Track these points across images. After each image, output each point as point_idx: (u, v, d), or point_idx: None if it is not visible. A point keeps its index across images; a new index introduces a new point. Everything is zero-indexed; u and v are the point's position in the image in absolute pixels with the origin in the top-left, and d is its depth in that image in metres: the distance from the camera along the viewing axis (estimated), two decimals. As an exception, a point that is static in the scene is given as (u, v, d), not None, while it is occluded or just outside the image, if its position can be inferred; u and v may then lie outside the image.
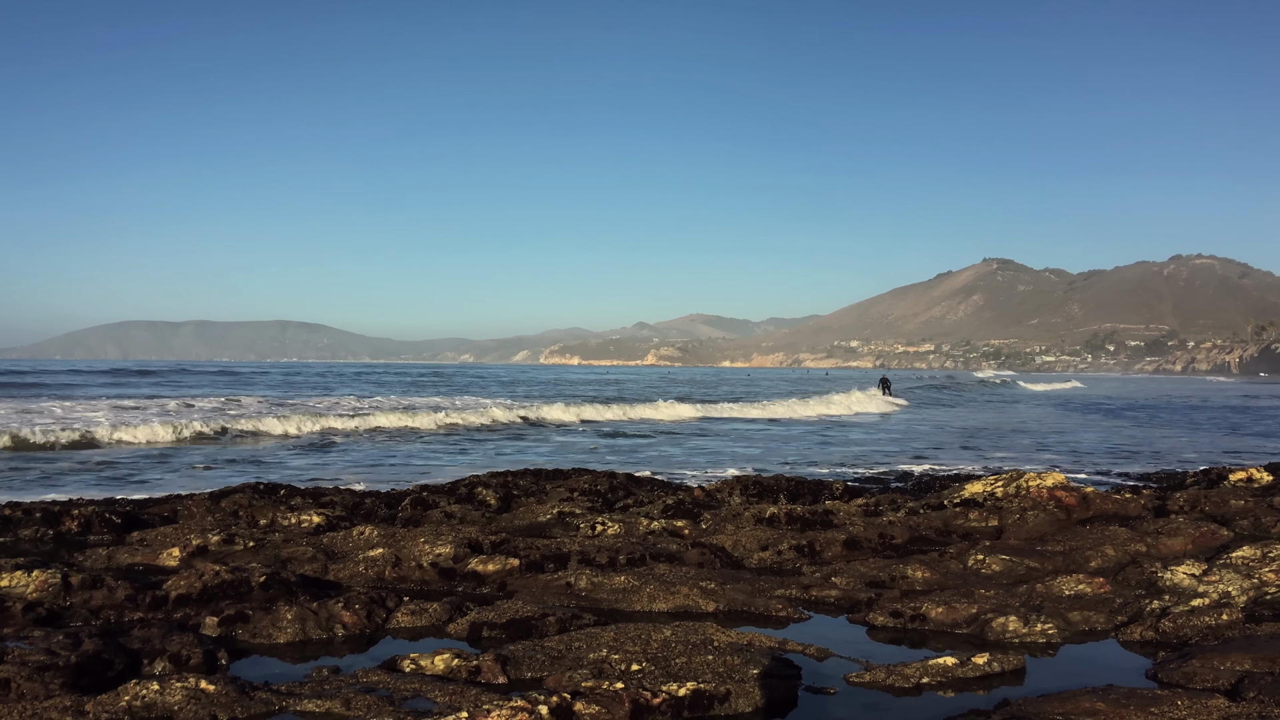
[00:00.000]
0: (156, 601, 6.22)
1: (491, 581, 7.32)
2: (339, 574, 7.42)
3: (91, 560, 7.70)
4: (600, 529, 8.96)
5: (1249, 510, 9.63)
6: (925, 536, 9.01)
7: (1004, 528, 9.24)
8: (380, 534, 8.21)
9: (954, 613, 6.36)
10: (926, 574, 7.48)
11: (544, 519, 9.87)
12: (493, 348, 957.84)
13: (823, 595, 7.03)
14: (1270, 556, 6.96)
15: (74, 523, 8.94)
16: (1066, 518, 9.43)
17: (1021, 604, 6.48)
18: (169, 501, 10.25)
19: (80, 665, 4.83)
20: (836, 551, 8.42)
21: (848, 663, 5.49)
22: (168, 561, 7.70)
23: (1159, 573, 7.08)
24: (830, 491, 11.22)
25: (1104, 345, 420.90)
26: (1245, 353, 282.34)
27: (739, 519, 9.46)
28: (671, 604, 6.68)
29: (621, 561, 7.55)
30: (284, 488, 10.73)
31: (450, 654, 5.14)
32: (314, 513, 9.32)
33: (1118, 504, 9.77)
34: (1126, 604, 6.57)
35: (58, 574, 6.27)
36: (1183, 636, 5.94)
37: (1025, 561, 7.77)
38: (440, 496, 10.53)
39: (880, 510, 9.91)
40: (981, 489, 10.02)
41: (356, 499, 10.60)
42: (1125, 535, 8.43)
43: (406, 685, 4.79)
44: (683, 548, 8.11)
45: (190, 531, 8.43)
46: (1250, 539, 8.15)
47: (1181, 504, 10.04)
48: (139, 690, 4.43)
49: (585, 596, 6.89)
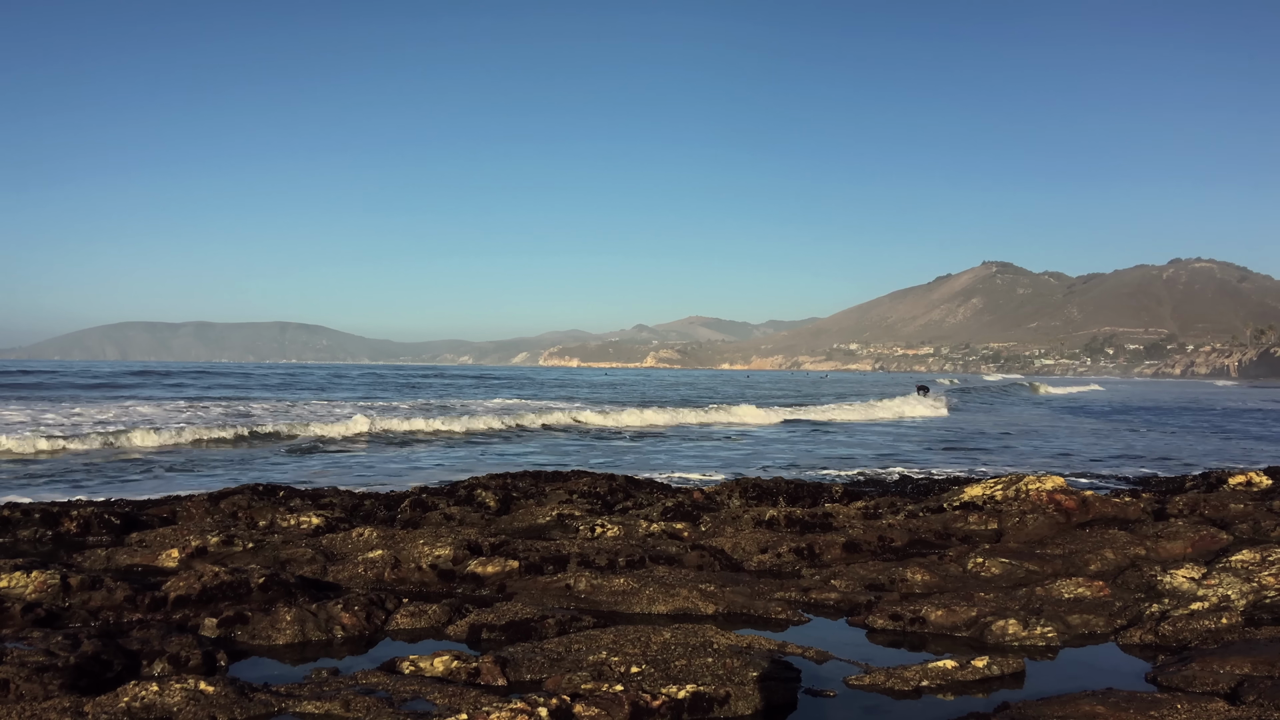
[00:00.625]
0: (155, 603, 6.22)
1: (491, 583, 7.32)
2: (338, 576, 7.42)
3: (90, 561, 7.69)
4: (600, 531, 8.95)
5: (1248, 514, 9.63)
6: (925, 539, 9.01)
7: (1003, 531, 9.23)
8: (379, 536, 8.21)
9: (953, 616, 6.36)
10: (926, 577, 7.48)
11: (543, 521, 9.87)
12: (492, 349, 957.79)
13: (822, 598, 7.02)
14: (1270, 560, 6.96)
15: (73, 524, 8.93)
16: (1066, 521, 9.43)
17: (1021, 607, 6.48)
18: (168, 503, 10.24)
19: (79, 666, 4.82)
20: (836, 554, 8.42)
21: (847, 665, 5.48)
22: (167, 563, 7.70)
23: (1158, 576, 7.08)
24: (829, 494, 11.23)
25: (1103, 349, 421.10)
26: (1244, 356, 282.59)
27: (738, 521, 9.46)
28: (671, 606, 6.68)
29: (621, 564, 7.55)
30: (283, 489, 10.73)
31: (450, 656, 5.13)
32: (313, 514, 9.31)
33: (1117, 507, 9.77)
34: (1126, 607, 6.57)
35: (57, 575, 6.26)
36: (1182, 640, 5.94)
37: (1025, 565, 7.77)
38: (439, 498, 10.52)
39: (880, 513, 9.91)
40: (981, 492, 10.02)
41: (355, 500, 10.60)
42: (1125, 538, 8.42)
43: (406, 687, 4.78)
44: (682, 550, 8.10)
45: (189, 533, 8.42)
46: (1250, 543, 8.14)
47: (1181, 507, 10.04)
48: (138, 691, 4.43)
49: (585, 599, 6.88)
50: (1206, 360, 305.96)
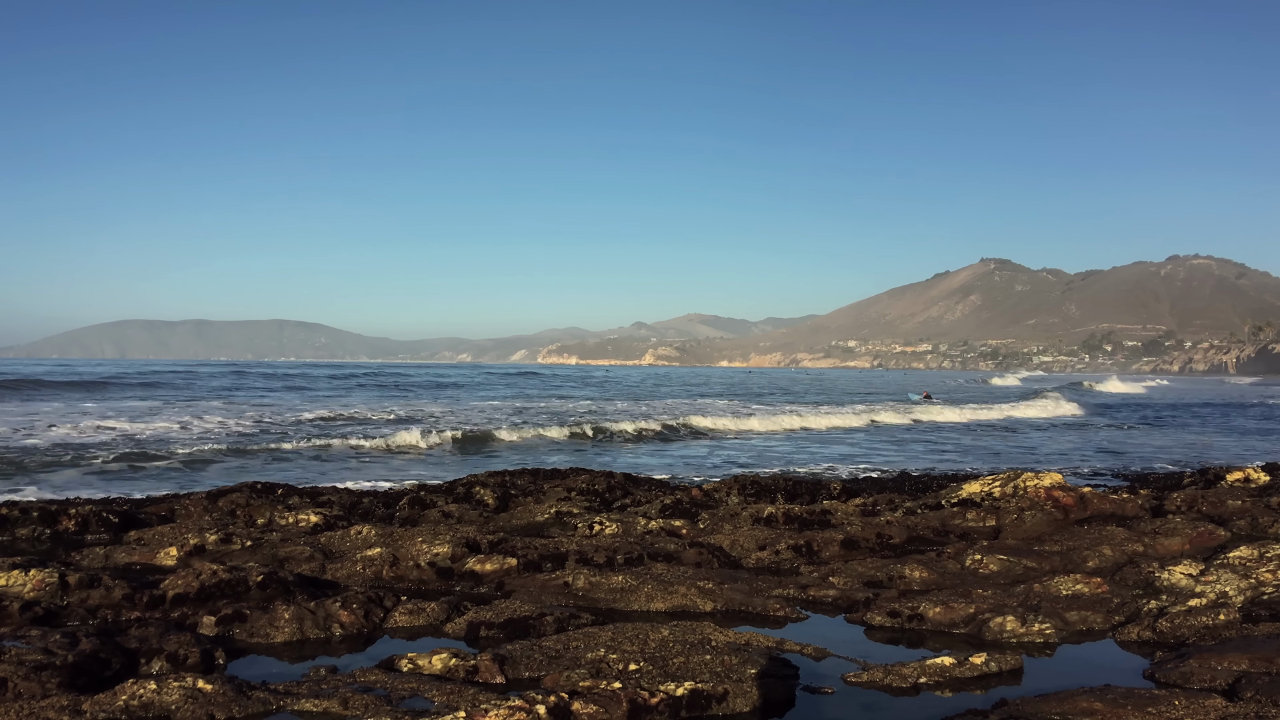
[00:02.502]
0: (154, 601, 6.22)
1: (489, 581, 7.32)
2: (336, 573, 7.42)
3: (89, 559, 7.69)
4: (598, 529, 8.95)
5: (1246, 510, 9.65)
6: (923, 536, 9.02)
7: (1001, 528, 9.24)
8: (378, 533, 8.21)
9: (951, 613, 6.37)
10: (924, 574, 7.48)
11: (542, 519, 9.87)
12: (490, 347, 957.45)
13: (820, 595, 7.03)
14: (1267, 557, 6.97)
15: (71, 522, 8.93)
16: (1064, 518, 9.44)
17: (1019, 604, 6.48)
18: (166, 501, 10.24)
19: (77, 664, 4.82)
20: (834, 551, 8.42)
21: (845, 662, 5.49)
22: (165, 561, 7.70)
23: (1156, 573, 7.09)
24: (828, 491, 11.23)
25: (1101, 345, 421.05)
26: (1242, 353, 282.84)
27: (737, 519, 9.46)
28: (669, 604, 6.68)
29: (619, 561, 7.55)
30: (281, 487, 10.72)
31: (448, 653, 5.14)
32: (311, 512, 9.31)
33: (1115, 504, 9.78)
34: (1124, 604, 6.58)
35: (55, 573, 6.26)
36: (1180, 636, 5.95)
37: (1023, 561, 7.78)
38: (438, 496, 10.52)
39: (878, 510, 9.92)
40: (979, 489, 10.03)
41: (354, 498, 10.60)
42: (1123, 535, 8.43)
43: (404, 685, 4.78)
44: (680, 547, 8.10)
45: (187, 531, 8.42)
46: (1247, 539, 8.16)
47: (1179, 504, 10.06)
48: (136, 690, 4.43)
49: (583, 596, 6.88)
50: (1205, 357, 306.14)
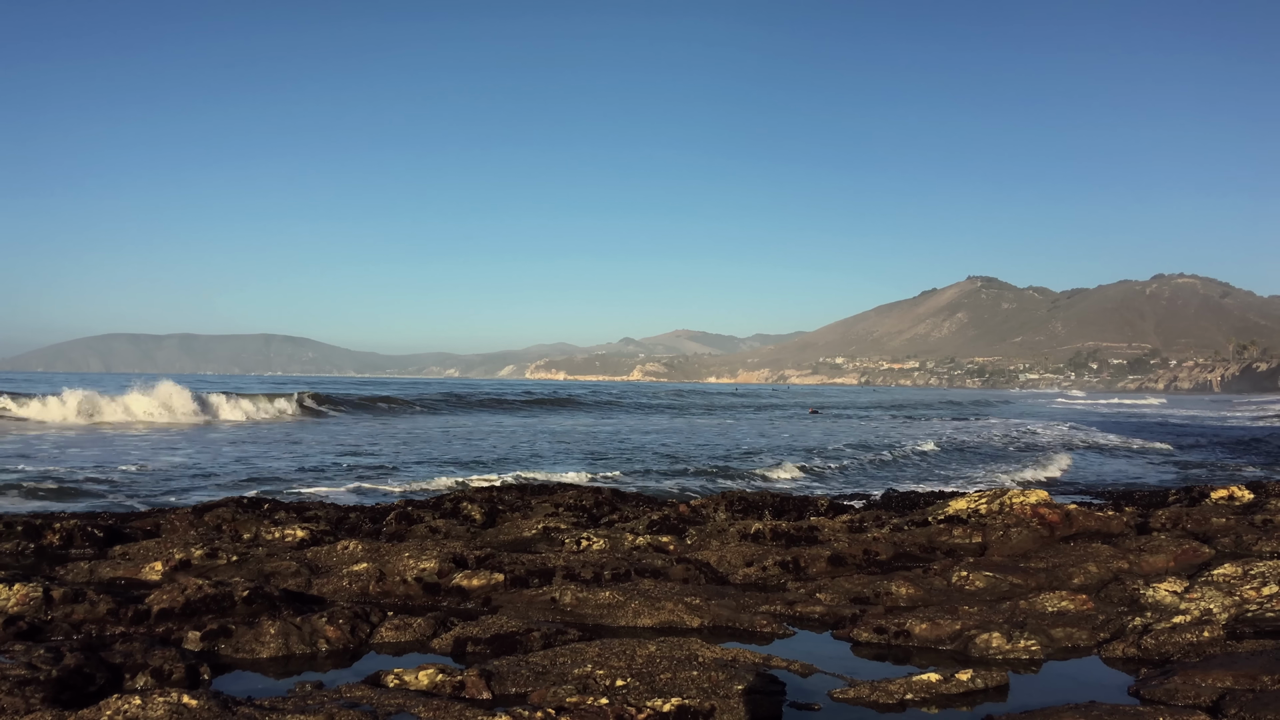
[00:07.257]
0: (139, 616, 6.18)
1: (476, 597, 7.30)
2: (323, 589, 7.39)
3: (73, 574, 7.64)
4: (585, 544, 8.95)
5: (1230, 528, 9.70)
6: (910, 553, 9.04)
7: (988, 544, 9.27)
8: (364, 548, 8.18)
9: (938, 629, 6.38)
10: (911, 590, 7.50)
11: (529, 534, 9.85)
12: (478, 362, 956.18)
13: (807, 611, 7.04)
14: (1251, 574, 7.02)
15: (55, 536, 8.86)
16: (1050, 534, 9.47)
17: (1005, 620, 6.50)
18: (152, 515, 10.18)
19: (61, 679, 4.79)
20: (821, 568, 8.43)
21: (832, 679, 5.49)
22: (150, 575, 7.66)
23: (1141, 590, 7.12)
24: (815, 508, 11.25)
25: (1087, 363, 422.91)
26: (1227, 371, 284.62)
27: (724, 535, 9.47)
28: (656, 620, 6.68)
29: (606, 577, 7.55)
30: (267, 502, 10.68)
31: (434, 669, 5.12)
32: (298, 527, 9.28)
33: (1100, 521, 9.82)
34: (1109, 621, 6.60)
35: (39, 587, 6.22)
36: (1165, 653, 5.98)
37: (1009, 578, 7.80)
38: (425, 511, 10.50)
39: (865, 526, 9.94)
40: (965, 506, 10.06)
41: (341, 513, 10.56)
42: (1108, 552, 8.47)
43: (390, 700, 4.77)
44: (668, 563, 8.11)
45: (173, 545, 8.38)
46: (1232, 556, 8.20)
47: (1164, 521, 10.11)
48: (121, 705, 4.40)
49: (570, 612, 6.87)
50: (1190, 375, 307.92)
